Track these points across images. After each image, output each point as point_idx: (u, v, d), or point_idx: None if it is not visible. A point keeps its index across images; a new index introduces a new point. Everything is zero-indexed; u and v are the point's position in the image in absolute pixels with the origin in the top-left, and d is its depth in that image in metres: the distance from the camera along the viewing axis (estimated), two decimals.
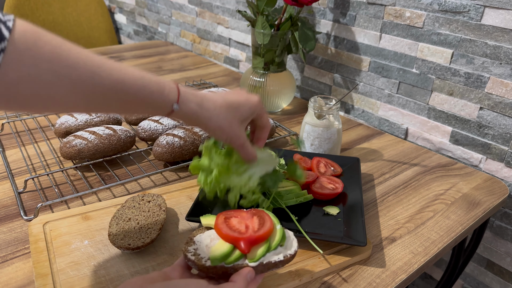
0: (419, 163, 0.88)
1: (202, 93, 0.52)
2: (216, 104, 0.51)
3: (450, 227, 0.68)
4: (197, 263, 0.43)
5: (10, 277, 0.54)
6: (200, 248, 0.45)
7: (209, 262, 0.43)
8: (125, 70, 0.43)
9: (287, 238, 0.48)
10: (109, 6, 2.10)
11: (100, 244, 0.58)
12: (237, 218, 0.48)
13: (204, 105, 0.50)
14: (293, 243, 0.47)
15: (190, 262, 0.44)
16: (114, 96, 0.43)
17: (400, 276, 0.58)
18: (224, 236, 0.46)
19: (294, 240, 0.48)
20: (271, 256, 0.45)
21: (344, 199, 0.69)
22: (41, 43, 0.37)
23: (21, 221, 0.65)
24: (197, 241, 0.47)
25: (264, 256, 0.44)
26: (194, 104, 0.49)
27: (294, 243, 0.48)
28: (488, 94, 0.84)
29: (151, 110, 0.47)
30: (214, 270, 0.43)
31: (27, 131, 0.92)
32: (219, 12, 1.44)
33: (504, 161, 0.84)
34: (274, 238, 0.46)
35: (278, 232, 0.47)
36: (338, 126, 0.81)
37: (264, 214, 0.49)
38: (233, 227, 0.46)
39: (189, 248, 0.45)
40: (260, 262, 0.44)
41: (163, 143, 0.78)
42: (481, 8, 0.80)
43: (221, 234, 0.46)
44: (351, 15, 1.03)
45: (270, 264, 0.44)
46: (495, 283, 0.92)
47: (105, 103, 0.43)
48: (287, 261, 0.46)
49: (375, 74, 1.03)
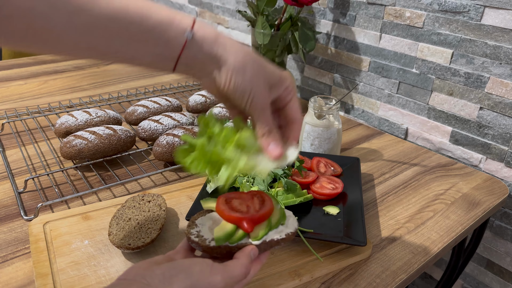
0: (419, 163, 0.88)
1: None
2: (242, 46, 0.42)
3: (450, 227, 0.68)
4: (201, 244, 0.44)
5: (10, 277, 0.54)
6: (203, 230, 0.46)
7: (213, 243, 0.44)
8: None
9: (288, 217, 0.49)
10: None
11: (100, 244, 0.58)
12: (238, 199, 0.49)
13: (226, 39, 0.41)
14: (294, 222, 0.48)
15: (194, 244, 0.44)
16: (116, 28, 0.37)
17: (400, 276, 0.58)
18: (226, 217, 0.46)
19: (294, 219, 0.49)
20: (273, 235, 0.46)
21: (344, 199, 0.69)
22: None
23: (21, 221, 0.65)
24: (200, 223, 0.47)
25: (267, 235, 0.45)
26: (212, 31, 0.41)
27: (294, 222, 0.49)
28: (488, 94, 0.84)
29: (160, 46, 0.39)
30: (219, 250, 0.44)
31: (27, 131, 0.92)
32: (219, 12, 1.44)
33: (504, 161, 0.85)
34: (275, 217, 0.47)
35: (278, 211, 0.48)
36: (338, 126, 0.81)
37: (264, 194, 0.50)
38: (234, 208, 0.47)
39: (192, 230, 0.46)
40: (263, 240, 0.45)
41: (163, 143, 0.78)
42: (481, 8, 0.80)
43: (224, 215, 0.46)
44: (351, 15, 1.03)
45: (273, 242, 0.45)
46: (495, 283, 0.92)
47: (106, 40, 0.38)
48: (289, 239, 0.47)
49: (375, 74, 1.03)
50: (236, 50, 0.41)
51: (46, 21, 0.35)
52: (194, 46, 0.40)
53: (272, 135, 0.44)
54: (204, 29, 0.41)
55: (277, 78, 0.43)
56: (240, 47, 0.42)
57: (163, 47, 0.39)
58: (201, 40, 0.40)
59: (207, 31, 0.41)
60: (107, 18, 0.37)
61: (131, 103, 1.09)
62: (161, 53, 0.40)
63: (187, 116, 0.89)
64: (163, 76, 1.31)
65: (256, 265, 0.44)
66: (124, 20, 0.37)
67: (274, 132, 0.44)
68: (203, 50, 0.40)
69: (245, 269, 0.41)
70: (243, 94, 0.41)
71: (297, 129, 0.46)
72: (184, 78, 1.31)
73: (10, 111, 1.01)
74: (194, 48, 0.40)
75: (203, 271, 0.38)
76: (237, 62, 0.41)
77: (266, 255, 0.46)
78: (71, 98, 1.10)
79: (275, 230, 0.46)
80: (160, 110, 0.93)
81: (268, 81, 0.42)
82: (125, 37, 0.38)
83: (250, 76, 0.41)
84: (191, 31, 0.39)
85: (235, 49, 0.41)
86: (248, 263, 0.42)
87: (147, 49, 0.39)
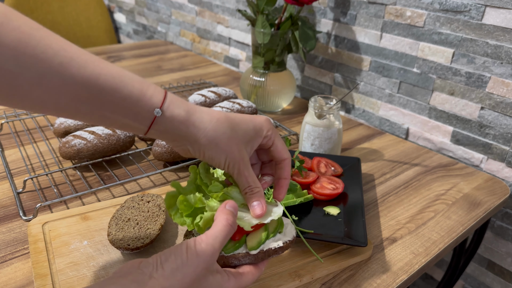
0: (420, 163, 0.87)
1: (196, 105, 0.43)
2: (213, 115, 0.42)
3: (451, 227, 0.68)
4: None
5: (9, 278, 0.54)
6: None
7: None
8: (103, 66, 0.38)
9: (285, 225, 0.49)
10: (109, 5, 2.10)
11: (99, 245, 0.58)
12: None
13: (196, 115, 0.41)
14: (292, 230, 0.48)
15: None
16: (85, 94, 0.37)
17: (401, 276, 0.57)
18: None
19: (292, 226, 0.49)
20: (270, 243, 0.45)
21: (344, 199, 0.68)
22: (8, 27, 0.33)
23: (20, 221, 0.64)
24: (195, 233, 0.48)
25: (264, 244, 0.45)
26: (183, 110, 0.41)
27: (292, 230, 0.48)
28: (489, 94, 0.83)
29: (129, 118, 0.39)
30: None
31: (26, 131, 0.91)
32: (219, 11, 1.44)
33: (505, 161, 0.84)
34: (272, 226, 0.47)
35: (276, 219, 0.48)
36: (339, 126, 0.80)
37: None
38: None
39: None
40: (261, 249, 0.44)
41: (163, 143, 0.78)
42: (482, 8, 0.80)
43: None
44: (351, 14, 1.03)
45: (271, 251, 0.45)
46: (496, 284, 0.92)
47: (75, 103, 0.37)
48: (287, 247, 0.46)
49: (375, 73, 1.02)
50: (206, 125, 0.41)
51: (13, 79, 0.34)
52: (163, 122, 0.40)
53: (255, 194, 0.45)
54: (174, 106, 0.40)
55: (252, 134, 0.44)
56: (211, 118, 0.42)
57: (132, 119, 0.40)
58: (171, 118, 0.40)
59: (177, 110, 0.40)
60: (77, 84, 0.36)
61: None
62: (130, 124, 0.40)
63: None
64: (162, 76, 1.31)
65: (255, 274, 0.44)
66: (94, 89, 0.37)
67: (256, 191, 0.44)
68: (173, 128, 0.41)
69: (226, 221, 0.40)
70: (219, 163, 0.43)
71: (286, 168, 0.47)
72: (183, 79, 1.30)
73: (9, 110, 1.01)
74: (164, 125, 0.40)
75: (189, 246, 0.39)
76: (208, 138, 0.41)
77: (264, 263, 0.46)
78: None
79: (273, 238, 0.46)
80: None
81: (243, 140, 0.43)
82: (94, 104, 0.38)
83: (224, 146, 0.42)
84: (161, 109, 0.39)
85: (205, 125, 0.41)
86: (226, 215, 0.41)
87: (117, 118, 0.39)
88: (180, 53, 1.57)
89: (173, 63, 1.45)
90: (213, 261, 0.40)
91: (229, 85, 1.27)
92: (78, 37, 1.78)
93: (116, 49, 1.57)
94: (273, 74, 1.03)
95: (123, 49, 1.57)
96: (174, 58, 1.51)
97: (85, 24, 1.80)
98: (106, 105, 0.38)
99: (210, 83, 1.24)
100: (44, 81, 0.35)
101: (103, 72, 0.37)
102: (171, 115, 0.40)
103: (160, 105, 0.39)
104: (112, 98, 0.38)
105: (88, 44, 1.80)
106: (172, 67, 1.41)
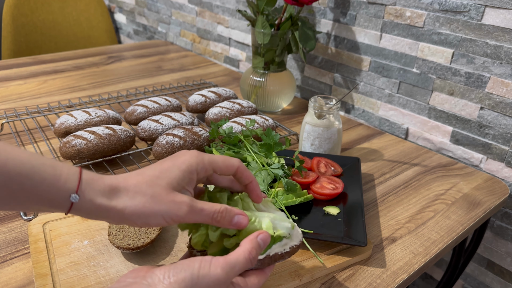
0: (419, 163, 0.87)
1: (124, 175, 0.40)
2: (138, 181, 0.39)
3: (450, 227, 0.68)
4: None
5: (10, 277, 0.54)
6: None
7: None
8: (12, 152, 0.35)
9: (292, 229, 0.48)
10: (109, 5, 2.10)
11: (99, 244, 0.58)
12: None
13: (120, 193, 0.38)
14: (298, 234, 0.48)
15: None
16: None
17: (400, 276, 0.57)
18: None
19: (298, 231, 0.48)
20: (277, 248, 0.45)
21: (344, 199, 0.69)
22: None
23: (20, 221, 0.64)
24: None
25: (271, 248, 0.45)
26: (101, 194, 0.38)
27: (299, 234, 0.48)
28: (489, 94, 0.84)
29: (46, 206, 0.37)
30: None
31: (27, 131, 0.92)
32: (219, 11, 1.44)
33: (504, 161, 0.84)
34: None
35: None
36: (339, 126, 0.81)
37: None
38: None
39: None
40: (267, 254, 0.44)
41: (163, 143, 0.78)
42: (482, 8, 0.80)
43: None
44: (351, 15, 1.03)
45: (277, 256, 0.45)
46: (495, 283, 0.92)
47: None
48: (293, 252, 0.46)
49: (375, 73, 1.03)
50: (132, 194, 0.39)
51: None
52: (82, 207, 0.37)
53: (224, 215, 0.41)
54: (91, 189, 0.38)
55: (177, 172, 0.40)
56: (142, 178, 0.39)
57: (47, 205, 0.37)
58: (90, 202, 0.37)
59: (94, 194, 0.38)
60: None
61: (131, 103, 1.09)
62: (47, 209, 0.37)
63: (187, 116, 0.89)
64: (162, 76, 1.31)
65: (261, 278, 0.43)
66: (1, 177, 0.34)
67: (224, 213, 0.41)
68: (95, 210, 0.38)
69: (248, 254, 0.40)
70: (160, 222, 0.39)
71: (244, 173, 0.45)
72: (183, 79, 1.31)
73: (9, 111, 1.01)
74: (84, 208, 0.38)
75: (203, 266, 0.38)
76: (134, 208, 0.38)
77: (270, 269, 0.45)
78: (70, 98, 1.10)
79: (279, 243, 0.45)
80: (160, 110, 0.93)
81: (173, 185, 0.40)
82: (4, 192, 0.35)
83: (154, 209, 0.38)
84: (77, 193, 0.37)
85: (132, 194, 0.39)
86: (252, 248, 0.40)
87: (30, 205, 0.36)
88: (180, 54, 1.57)
89: (173, 63, 1.46)
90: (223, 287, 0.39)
91: (229, 85, 1.27)
92: (78, 38, 1.78)
93: (117, 50, 1.57)
94: (273, 74, 1.03)
95: (124, 50, 1.58)
96: (175, 59, 1.51)
97: (85, 24, 1.80)
98: (17, 193, 0.35)
99: (210, 83, 1.24)
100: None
101: (10, 158, 0.34)
102: (90, 199, 0.37)
103: (76, 189, 0.37)
104: (22, 186, 0.35)
105: (88, 44, 1.80)
106: (172, 67, 1.41)
